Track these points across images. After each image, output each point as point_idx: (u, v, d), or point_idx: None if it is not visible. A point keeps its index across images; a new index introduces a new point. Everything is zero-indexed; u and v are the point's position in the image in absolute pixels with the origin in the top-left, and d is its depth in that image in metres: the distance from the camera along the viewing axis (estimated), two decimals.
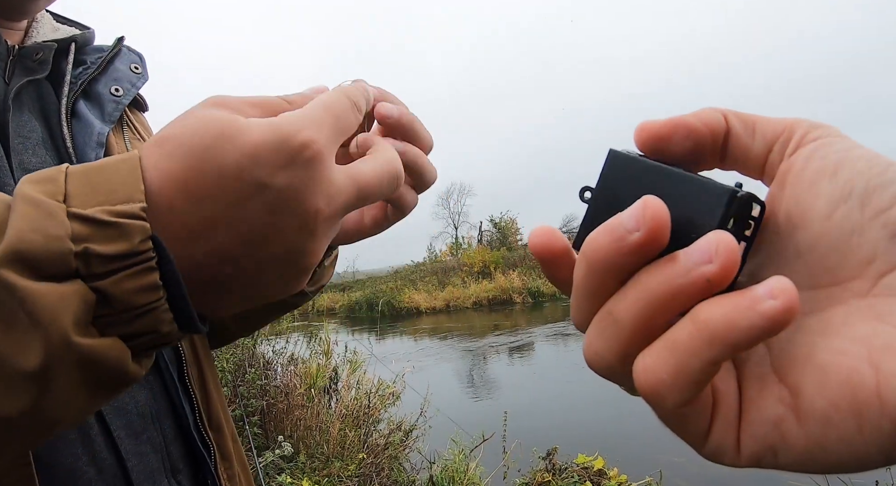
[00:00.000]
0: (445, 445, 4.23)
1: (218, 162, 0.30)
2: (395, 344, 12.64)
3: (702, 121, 0.27)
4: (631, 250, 0.22)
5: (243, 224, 0.31)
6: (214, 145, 0.31)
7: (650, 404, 0.23)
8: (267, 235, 0.32)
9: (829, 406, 0.20)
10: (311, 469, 3.89)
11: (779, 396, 0.22)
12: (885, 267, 0.21)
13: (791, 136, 0.26)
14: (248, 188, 0.31)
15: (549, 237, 0.27)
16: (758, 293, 0.19)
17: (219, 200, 0.31)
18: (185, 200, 0.30)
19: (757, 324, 0.19)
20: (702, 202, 0.24)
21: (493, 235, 34.16)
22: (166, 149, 0.31)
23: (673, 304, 0.21)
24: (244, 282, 0.34)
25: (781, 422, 0.21)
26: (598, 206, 0.28)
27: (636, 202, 0.22)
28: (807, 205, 0.24)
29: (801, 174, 0.24)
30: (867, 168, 0.23)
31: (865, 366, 0.19)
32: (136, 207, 0.29)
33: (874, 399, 0.19)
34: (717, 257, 0.20)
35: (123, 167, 0.31)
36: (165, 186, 0.30)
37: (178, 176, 0.30)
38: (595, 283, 0.24)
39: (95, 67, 0.61)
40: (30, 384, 0.28)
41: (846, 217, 0.22)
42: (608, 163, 0.28)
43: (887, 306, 0.21)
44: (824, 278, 0.23)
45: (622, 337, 0.23)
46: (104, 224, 0.29)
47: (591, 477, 3.38)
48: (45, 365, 0.27)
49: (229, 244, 0.32)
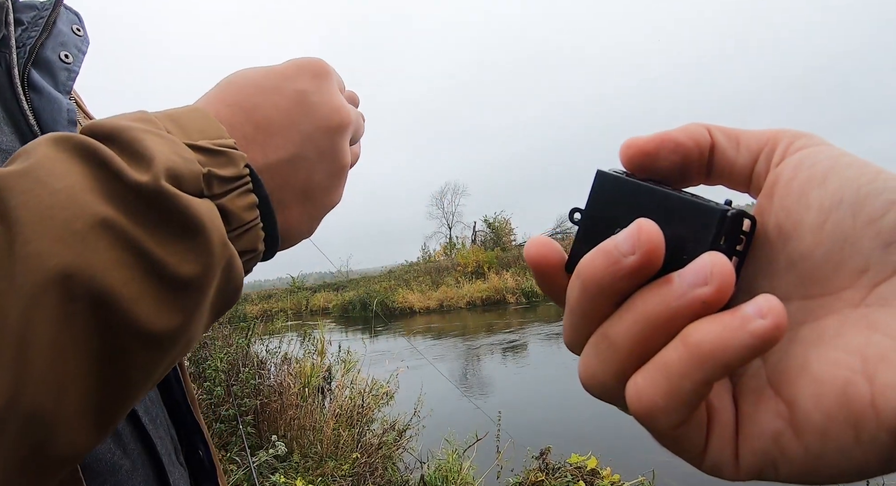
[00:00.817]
0: (439, 444, 4.24)
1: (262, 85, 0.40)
2: (389, 344, 12.61)
3: (689, 135, 0.27)
4: (626, 274, 0.22)
5: (295, 129, 0.40)
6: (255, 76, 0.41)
7: (644, 425, 0.23)
8: (317, 137, 0.41)
9: (825, 419, 0.20)
10: (305, 469, 3.88)
11: (775, 409, 0.22)
12: (879, 277, 0.21)
13: (775, 146, 0.26)
14: (281, 97, 0.40)
15: (545, 249, 0.26)
16: (747, 313, 0.20)
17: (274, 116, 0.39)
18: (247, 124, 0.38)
19: (747, 344, 0.19)
20: (693, 222, 0.24)
21: (487, 236, 34.13)
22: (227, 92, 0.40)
23: (669, 327, 0.21)
24: (312, 184, 0.41)
25: (780, 436, 0.21)
26: (588, 227, 0.28)
27: (631, 225, 0.22)
28: (797, 215, 0.24)
29: (789, 184, 0.24)
30: (857, 176, 0.23)
31: (860, 377, 0.19)
32: (231, 141, 0.35)
33: (870, 411, 0.19)
34: (712, 279, 0.20)
35: (196, 115, 0.36)
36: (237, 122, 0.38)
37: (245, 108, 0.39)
38: (590, 305, 0.24)
39: (41, 29, 0.52)
40: (185, 295, 0.30)
41: (838, 227, 0.22)
42: (596, 183, 0.28)
43: (881, 315, 0.21)
44: (817, 287, 0.23)
45: (618, 360, 0.23)
46: (216, 152, 0.33)
47: (584, 477, 3.40)
48: (204, 272, 0.30)
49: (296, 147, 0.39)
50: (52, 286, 0.25)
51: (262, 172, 0.37)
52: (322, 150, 0.41)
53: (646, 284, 0.23)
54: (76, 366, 0.26)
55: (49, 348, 0.25)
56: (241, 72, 0.42)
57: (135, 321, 0.28)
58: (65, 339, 0.26)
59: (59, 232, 0.26)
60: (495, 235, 33.60)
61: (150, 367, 0.30)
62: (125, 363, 0.28)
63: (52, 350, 0.26)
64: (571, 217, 0.29)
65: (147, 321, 0.28)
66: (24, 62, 0.50)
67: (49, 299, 0.25)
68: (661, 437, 0.23)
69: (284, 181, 0.39)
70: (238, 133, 0.38)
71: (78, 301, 0.26)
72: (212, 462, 0.62)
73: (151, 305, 0.28)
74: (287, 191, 0.39)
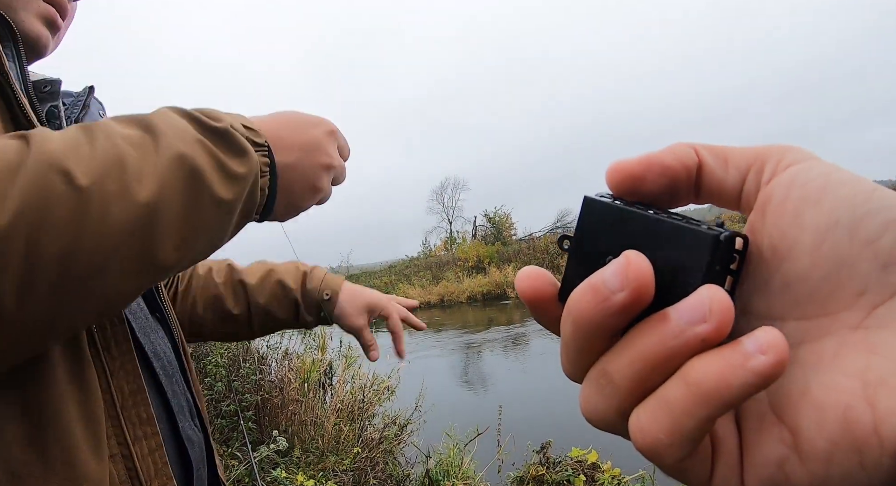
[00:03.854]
0: (440, 439, 4.25)
1: (292, 121, 0.65)
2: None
3: (675, 157, 0.26)
4: (616, 311, 0.21)
5: (298, 151, 0.63)
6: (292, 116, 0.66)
7: (649, 460, 0.22)
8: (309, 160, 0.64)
9: (829, 445, 0.20)
10: (306, 464, 3.89)
11: (779, 436, 0.21)
12: (877, 299, 0.21)
13: (764, 164, 0.25)
14: (301, 133, 0.64)
15: (538, 282, 0.26)
16: (748, 349, 0.19)
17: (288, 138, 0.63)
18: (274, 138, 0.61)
19: (749, 382, 0.19)
20: (685, 248, 0.23)
21: (488, 230, 34.12)
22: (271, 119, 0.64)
23: (668, 365, 0.21)
24: (292, 185, 0.63)
25: (784, 462, 0.21)
26: (578, 256, 0.27)
27: (619, 259, 0.21)
28: (792, 237, 0.23)
29: (782, 204, 0.24)
30: (851, 195, 0.22)
31: (861, 403, 0.19)
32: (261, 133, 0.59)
33: (873, 437, 0.19)
34: (711, 316, 0.20)
35: (245, 117, 0.60)
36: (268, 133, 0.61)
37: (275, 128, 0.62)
38: (583, 341, 0.23)
39: (80, 109, 0.76)
40: (237, 182, 0.53)
41: (834, 248, 0.22)
42: (584, 211, 0.27)
43: (880, 337, 0.20)
44: (814, 308, 0.23)
45: (619, 396, 0.23)
46: (252, 130, 0.58)
47: (584, 470, 3.40)
48: (247, 173, 0.54)
49: (294, 160, 0.62)
50: (176, 159, 0.49)
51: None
52: (307, 171, 0.64)
53: (642, 317, 0.22)
54: (180, 203, 0.48)
55: (170, 187, 0.48)
56: (284, 112, 0.66)
57: (210, 187, 0.51)
58: (177, 185, 0.48)
59: (181, 138, 0.50)
60: (496, 229, 33.58)
61: (210, 223, 0.52)
62: (201, 212, 0.50)
63: (171, 189, 0.48)
64: (561, 245, 0.28)
65: (217, 190, 0.51)
66: None
67: (174, 164, 0.48)
68: (666, 469, 0.23)
69: (280, 175, 0.61)
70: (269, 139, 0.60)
71: (185, 169, 0.49)
72: (210, 442, 0.75)
73: (219, 182, 0.51)
74: (280, 179, 0.61)
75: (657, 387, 0.22)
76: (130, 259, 0.45)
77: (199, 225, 0.50)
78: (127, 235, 0.44)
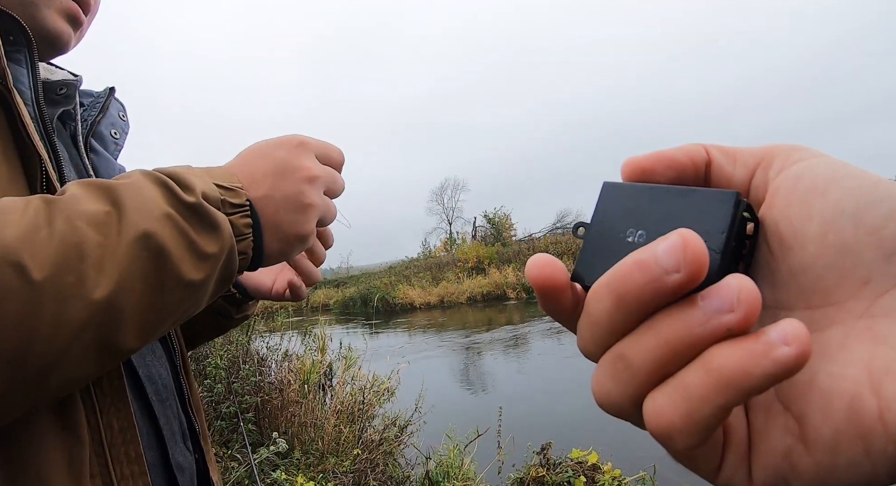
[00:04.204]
0: (440, 440, 4.24)
1: (255, 152, 0.60)
2: (390, 339, 12.64)
3: (683, 152, 0.28)
4: (669, 292, 0.21)
5: (269, 178, 0.58)
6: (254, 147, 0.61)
7: (661, 444, 0.22)
8: (283, 183, 0.58)
9: (835, 434, 0.20)
10: (306, 465, 3.89)
11: (785, 425, 0.22)
12: (882, 288, 0.21)
13: (772, 160, 0.26)
14: (264, 160, 0.59)
15: (550, 269, 0.26)
16: (771, 339, 0.19)
17: (256, 170, 0.58)
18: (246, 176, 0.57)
19: (770, 372, 0.19)
20: (706, 210, 0.24)
21: (488, 231, 34.13)
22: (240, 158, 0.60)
23: (690, 351, 0.21)
24: (276, 215, 0.57)
25: (790, 452, 0.21)
26: (597, 238, 0.27)
27: (672, 237, 0.21)
28: (799, 226, 0.24)
29: (790, 195, 0.24)
30: (857, 186, 0.23)
31: (867, 391, 0.19)
32: (239, 185, 0.55)
33: (878, 425, 0.19)
34: (739, 305, 0.20)
35: (223, 169, 0.57)
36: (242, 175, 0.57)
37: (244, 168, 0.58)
38: (621, 320, 0.23)
39: (99, 110, 0.74)
40: (208, 263, 0.50)
41: (840, 238, 0.22)
42: (604, 194, 0.28)
43: (885, 326, 0.21)
44: (820, 298, 0.23)
45: (636, 382, 0.22)
46: (229, 189, 0.54)
47: (585, 472, 3.40)
48: (219, 251, 0.51)
49: (266, 190, 0.57)
50: (140, 239, 0.45)
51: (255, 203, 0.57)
52: (287, 194, 0.58)
53: None
54: (142, 290, 0.45)
55: (131, 274, 0.44)
56: (255, 143, 0.62)
57: (177, 271, 0.47)
58: (139, 271, 0.45)
59: (147, 214, 0.47)
60: (495, 230, 33.60)
61: (178, 305, 0.49)
62: (165, 298, 0.47)
63: (133, 276, 0.45)
64: (575, 231, 0.29)
65: (184, 272, 0.48)
66: (86, 133, 0.72)
67: (137, 246, 0.45)
68: (677, 455, 0.23)
69: (260, 211, 0.56)
70: (243, 180, 0.57)
71: (150, 251, 0.46)
72: (205, 465, 0.72)
73: (188, 263, 0.48)
74: (263, 219, 0.57)
75: (675, 372, 0.21)
76: (88, 351, 0.43)
77: (164, 309, 0.47)
78: (84, 330, 0.42)
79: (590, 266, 0.27)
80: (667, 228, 0.24)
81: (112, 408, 0.54)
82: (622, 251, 0.25)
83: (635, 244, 0.26)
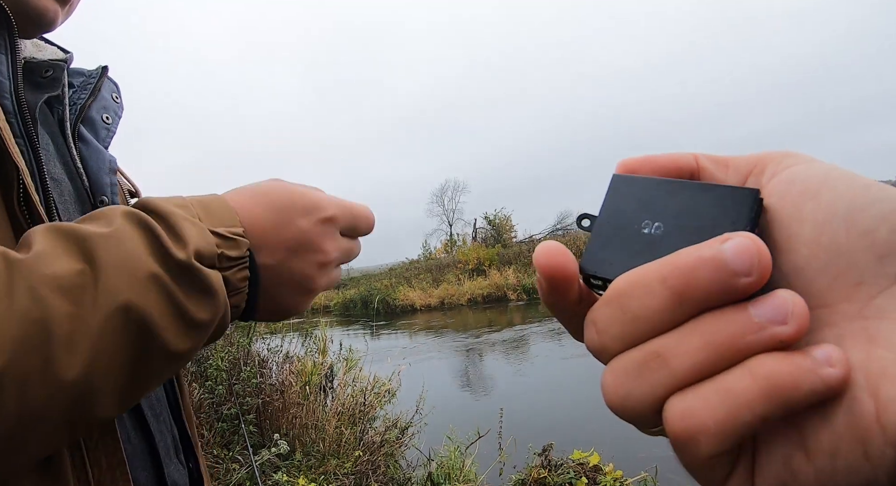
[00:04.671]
0: (441, 441, 4.24)
1: (277, 208, 0.52)
2: (391, 341, 12.62)
3: (671, 159, 0.29)
4: (737, 295, 0.21)
5: (283, 251, 0.52)
6: (277, 197, 0.53)
7: (678, 448, 0.21)
8: (297, 261, 0.52)
9: (834, 439, 0.20)
10: (308, 467, 3.89)
11: (785, 433, 0.21)
12: (875, 290, 0.21)
13: (765, 166, 0.26)
14: (287, 228, 0.52)
15: (562, 257, 0.25)
16: (818, 358, 0.20)
17: (271, 234, 0.51)
18: (255, 230, 0.50)
19: (817, 388, 0.19)
20: (726, 206, 0.24)
21: (488, 233, 34.10)
22: (255, 199, 0.52)
23: (736, 357, 0.21)
24: (278, 289, 0.52)
25: (790, 459, 0.21)
26: (607, 229, 0.27)
27: (740, 240, 0.21)
28: (792, 229, 0.24)
29: (783, 199, 0.25)
30: (848, 189, 0.23)
31: (864, 394, 0.20)
32: (241, 230, 0.49)
33: (876, 427, 0.19)
34: (792, 318, 0.20)
35: (219, 204, 0.50)
36: (249, 222, 0.50)
37: (257, 216, 0.51)
38: (670, 317, 0.22)
39: (89, 93, 0.67)
40: (197, 332, 0.44)
41: (832, 240, 0.22)
42: (614, 186, 0.28)
43: (879, 328, 0.21)
44: (813, 300, 0.23)
45: (670, 383, 0.21)
46: (228, 239, 0.48)
47: (586, 473, 3.40)
48: (212, 319, 0.45)
49: (277, 262, 0.51)
50: (119, 312, 0.39)
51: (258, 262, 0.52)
52: (296, 278, 0.53)
53: None
54: (121, 365, 0.40)
55: (109, 350, 0.39)
56: (269, 185, 0.54)
57: (162, 343, 0.41)
58: (118, 347, 0.39)
59: (128, 277, 0.40)
60: (496, 231, 33.56)
61: (162, 373, 0.44)
62: (149, 367, 0.42)
63: (111, 352, 0.39)
64: (580, 223, 0.28)
65: (170, 344, 0.42)
66: (74, 118, 0.64)
67: (116, 320, 0.39)
68: (694, 460, 0.22)
69: (262, 277, 0.51)
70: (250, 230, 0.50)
71: (132, 324, 0.40)
72: (200, 475, 0.70)
73: (174, 333, 0.42)
74: (263, 284, 0.51)
75: (712, 376, 0.21)
76: (59, 429, 0.38)
77: (145, 379, 0.42)
78: (53, 411, 0.37)
79: (603, 258, 0.26)
80: (687, 221, 0.25)
81: (100, 444, 0.49)
82: (637, 243, 0.26)
83: (652, 236, 0.25)
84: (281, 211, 0.52)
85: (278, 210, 0.52)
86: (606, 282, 0.26)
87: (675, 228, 0.25)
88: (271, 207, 0.52)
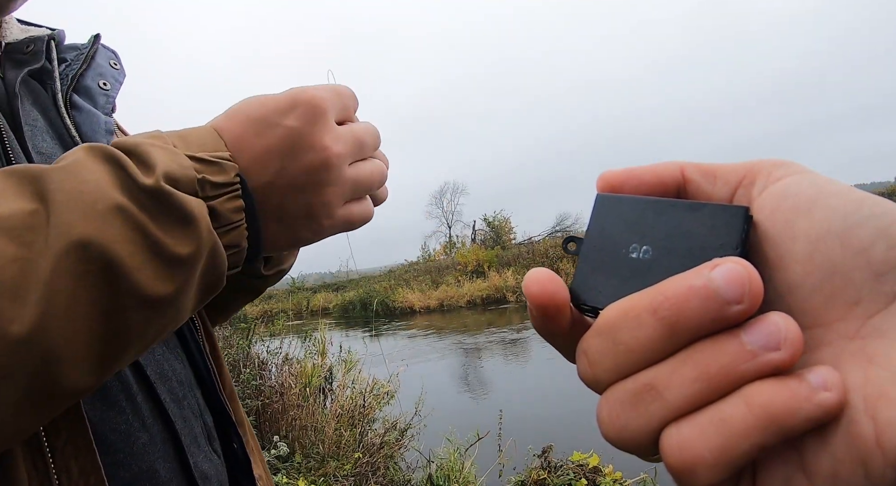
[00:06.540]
0: (440, 443, 4.24)
1: (255, 117, 0.45)
2: (390, 343, 12.61)
3: (653, 173, 0.27)
4: (727, 321, 0.20)
5: (276, 160, 0.44)
6: (253, 107, 0.45)
7: (677, 478, 0.21)
8: (294, 166, 0.44)
9: (833, 462, 0.20)
10: (307, 469, 3.89)
11: (785, 456, 0.21)
12: (872, 308, 0.21)
13: (755, 178, 0.25)
14: (272, 131, 0.44)
15: (552, 286, 0.24)
16: (812, 383, 0.19)
17: (257, 144, 0.44)
18: (241, 150, 0.44)
19: (813, 415, 0.19)
20: (716, 225, 0.23)
21: (487, 234, 34.12)
22: (231, 117, 0.45)
23: (731, 385, 0.20)
24: (284, 210, 0.45)
25: (791, 481, 0.21)
26: (594, 254, 0.26)
27: (730, 266, 0.20)
28: (784, 246, 0.23)
29: (774, 214, 0.24)
30: (842, 204, 0.22)
31: (863, 416, 0.19)
32: (227, 154, 0.42)
33: (876, 449, 0.19)
34: (785, 344, 0.20)
35: (203, 131, 0.44)
36: (232, 142, 0.44)
37: (238, 134, 0.44)
38: (662, 349, 0.21)
39: (81, 62, 0.64)
40: (180, 270, 0.37)
41: (827, 258, 0.22)
42: (599, 207, 0.27)
43: (877, 347, 0.20)
44: (808, 319, 0.22)
45: (664, 415, 0.21)
46: (210, 162, 0.41)
47: (586, 474, 3.40)
48: (194, 253, 0.38)
49: (272, 176, 0.44)
50: (73, 250, 0.33)
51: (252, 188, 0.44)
52: (297, 185, 0.45)
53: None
54: (86, 316, 0.33)
55: (67, 298, 0.32)
56: (244, 101, 0.47)
57: (135, 285, 0.35)
58: (79, 293, 0.33)
59: (84, 210, 0.34)
60: (495, 233, 33.59)
61: (144, 326, 0.37)
62: (124, 320, 0.35)
63: (69, 300, 0.32)
64: (566, 247, 0.28)
65: (146, 286, 0.35)
66: (66, 88, 0.61)
67: (70, 260, 0.33)
68: None
69: (259, 201, 0.44)
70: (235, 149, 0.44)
71: (92, 264, 0.33)
72: (246, 456, 0.64)
73: (150, 274, 0.35)
74: (263, 210, 0.45)
75: (706, 406, 0.21)
76: (20, 403, 0.32)
77: (124, 333, 0.35)
78: (3, 378, 0.31)
79: (593, 285, 0.25)
80: (676, 244, 0.24)
81: (69, 446, 0.41)
82: (625, 269, 0.25)
83: (640, 260, 0.25)
84: (257, 120, 0.45)
85: (255, 120, 0.45)
86: (597, 309, 0.25)
87: (663, 252, 0.24)
88: (248, 120, 0.45)
